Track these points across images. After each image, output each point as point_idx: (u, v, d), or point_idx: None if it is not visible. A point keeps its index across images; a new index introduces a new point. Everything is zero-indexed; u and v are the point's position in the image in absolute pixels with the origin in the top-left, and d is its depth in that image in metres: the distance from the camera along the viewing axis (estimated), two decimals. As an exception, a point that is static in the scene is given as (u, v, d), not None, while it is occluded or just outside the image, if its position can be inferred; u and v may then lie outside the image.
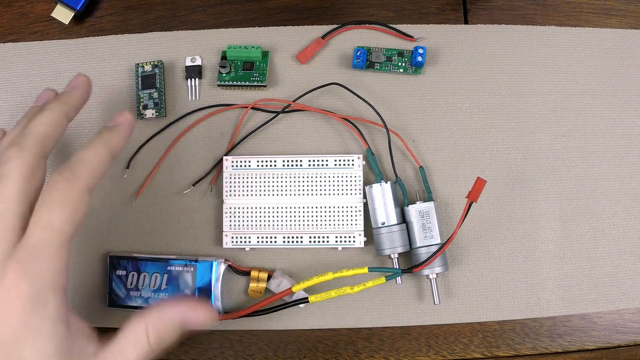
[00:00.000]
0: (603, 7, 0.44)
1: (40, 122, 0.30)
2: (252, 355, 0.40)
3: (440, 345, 0.40)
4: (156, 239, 0.41)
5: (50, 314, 0.27)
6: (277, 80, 0.43)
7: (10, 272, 0.27)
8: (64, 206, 0.28)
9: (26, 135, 0.30)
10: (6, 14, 0.45)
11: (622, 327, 0.40)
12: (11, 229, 0.28)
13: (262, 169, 0.40)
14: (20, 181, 0.28)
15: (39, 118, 0.31)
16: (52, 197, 0.28)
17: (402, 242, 0.38)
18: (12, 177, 0.28)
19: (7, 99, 0.43)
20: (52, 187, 0.29)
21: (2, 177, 0.28)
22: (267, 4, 0.45)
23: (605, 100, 0.42)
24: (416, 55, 0.41)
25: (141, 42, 0.44)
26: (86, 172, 0.29)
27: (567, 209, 0.41)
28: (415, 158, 0.41)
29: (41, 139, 0.30)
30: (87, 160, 0.30)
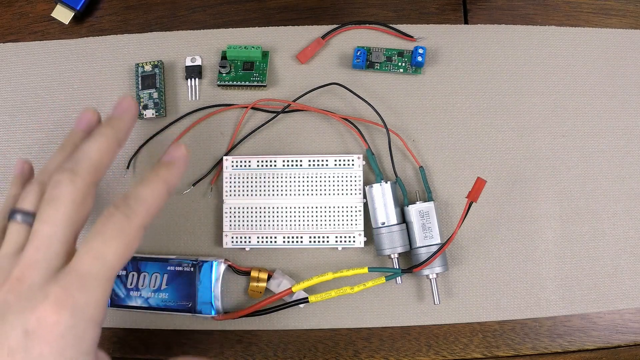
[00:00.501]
0: (603, 7, 0.44)
1: (93, 148, 0.29)
2: (252, 355, 0.40)
3: (440, 345, 0.40)
4: (156, 239, 0.41)
5: (86, 349, 0.26)
6: (277, 80, 0.43)
7: (53, 297, 0.26)
8: (118, 241, 0.27)
9: (79, 160, 0.29)
10: (6, 14, 0.45)
11: (622, 327, 0.40)
12: (56, 254, 0.27)
13: (262, 169, 0.40)
14: (70, 207, 0.28)
15: (92, 144, 0.30)
16: (108, 229, 0.27)
17: (402, 242, 0.38)
18: (63, 202, 0.28)
19: (7, 99, 0.43)
20: (109, 220, 0.28)
21: (52, 200, 0.28)
22: (267, 4, 0.45)
23: (605, 100, 0.42)
24: (416, 55, 0.41)
25: (141, 42, 0.44)
26: (144, 210, 0.28)
27: (567, 209, 0.41)
28: (415, 158, 0.41)
29: (94, 166, 0.29)
30: (145, 197, 0.29)
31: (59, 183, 0.28)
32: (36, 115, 0.43)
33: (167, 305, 0.38)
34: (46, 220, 0.27)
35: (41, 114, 0.43)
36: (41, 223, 0.27)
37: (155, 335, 0.41)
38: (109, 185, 0.42)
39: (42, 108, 0.43)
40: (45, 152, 0.42)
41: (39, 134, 0.43)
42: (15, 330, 0.25)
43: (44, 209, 0.28)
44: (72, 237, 0.28)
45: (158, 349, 0.40)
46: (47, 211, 0.28)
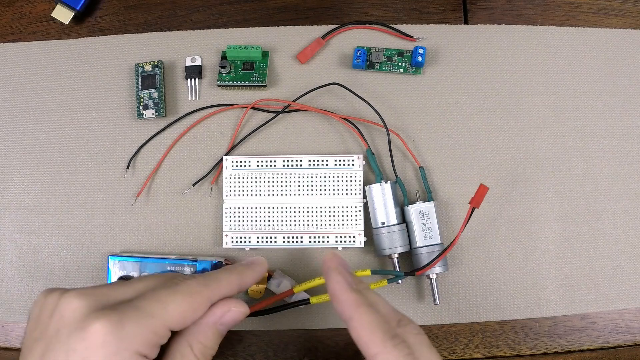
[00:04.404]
0: (603, 7, 0.44)
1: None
2: (252, 355, 0.40)
3: (440, 345, 0.40)
4: (156, 239, 0.41)
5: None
6: (277, 80, 0.43)
7: (106, 320, 0.27)
8: (184, 299, 0.29)
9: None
10: (6, 14, 0.45)
11: (622, 327, 0.40)
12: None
13: (262, 169, 0.40)
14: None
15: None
16: (179, 287, 0.30)
17: (402, 242, 0.38)
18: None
19: (7, 99, 0.43)
20: (183, 281, 0.30)
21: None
22: (267, 4, 0.45)
23: (605, 100, 0.42)
24: (416, 55, 0.41)
25: (141, 42, 0.44)
26: (215, 287, 0.31)
27: (567, 209, 0.41)
28: (415, 158, 0.41)
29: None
30: (220, 278, 0.32)
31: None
32: (36, 115, 0.43)
33: (167, 305, 0.38)
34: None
35: (41, 114, 0.43)
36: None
37: (155, 335, 0.41)
38: (109, 185, 0.42)
39: (42, 108, 0.43)
40: (45, 152, 0.42)
41: (39, 134, 0.43)
42: (65, 346, 0.26)
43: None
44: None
45: (158, 349, 0.40)
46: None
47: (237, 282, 0.33)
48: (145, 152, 0.42)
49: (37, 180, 0.42)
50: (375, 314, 0.29)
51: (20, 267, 0.41)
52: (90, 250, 0.41)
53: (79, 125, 0.43)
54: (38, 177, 0.42)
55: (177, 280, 0.30)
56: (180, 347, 0.29)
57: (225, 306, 0.31)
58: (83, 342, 0.26)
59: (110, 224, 0.41)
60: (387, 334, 0.28)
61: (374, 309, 0.29)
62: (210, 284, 0.31)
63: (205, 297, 0.30)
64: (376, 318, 0.29)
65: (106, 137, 0.42)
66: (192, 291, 0.30)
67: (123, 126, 0.42)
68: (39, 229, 0.42)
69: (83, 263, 0.41)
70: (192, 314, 0.30)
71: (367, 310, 0.29)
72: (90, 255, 0.41)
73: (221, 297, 0.31)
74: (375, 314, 0.29)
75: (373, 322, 0.29)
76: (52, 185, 0.42)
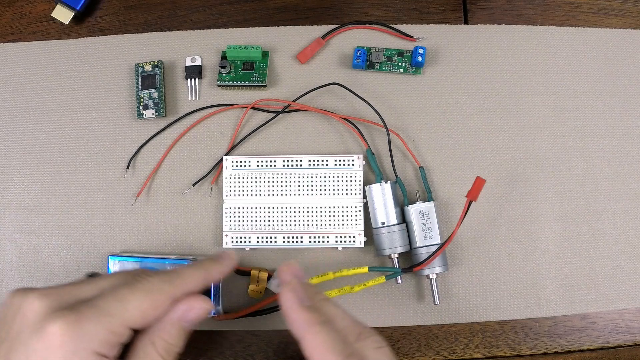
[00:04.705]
0: (603, 7, 0.44)
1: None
2: (252, 355, 0.40)
3: (440, 345, 0.40)
4: (156, 239, 0.41)
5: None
6: (277, 80, 0.43)
7: (64, 320, 0.27)
8: (145, 297, 0.29)
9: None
10: (6, 14, 0.45)
11: (622, 327, 0.40)
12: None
13: (262, 169, 0.40)
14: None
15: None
16: (140, 284, 0.29)
17: (402, 242, 0.38)
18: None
19: (7, 99, 0.43)
20: (145, 278, 0.30)
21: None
22: (267, 4, 0.45)
23: (605, 100, 0.42)
24: (416, 55, 0.41)
25: (141, 42, 0.44)
26: (179, 284, 0.31)
27: (567, 209, 0.41)
28: (415, 158, 0.41)
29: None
30: (185, 275, 0.31)
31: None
32: (36, 115, 0.43)
33: (167, 305, 0.38)
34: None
35: (41, 114, 0.43)
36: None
37: (155, 335, 0.41)
38: (109, 185, 0.42)
39: (42, 108, 0.43)
40: (45, 152, 0.42)
41: (39, 134, 0.43)
42: (26, 346, 0.26)
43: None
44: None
45: (158, 349, 0.40)
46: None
47: (203, 278, 0.32)
48: (145, 152, 0.42)
49: (37, 180, 0.42)
50: (328, 334, 0.28)
51: (20, 267, 0.41)
52: (90, 250, 0.41)
53: (79, 125, 0.43)
54: (38, 177, 0.42)
55: (139, 278, 0.30)
56: (144, 345, 0.29)
57: (189, 303, 0.30)
58: (42, 343, 0.26)
59: (110, 224, 0.41)
60: (341, 354, 0.27)
61: (329, 327, 0.29)
62: (173, 281, 0.30)
63: (168, 295, 0.30)
64: (329, 338, 0.28)
65: (106, 137, 0.42)
66: (154, 288, 0.29)
67: (123, 126, 0.42)
68: (39, 229, 0.42)
69: (83, 263, 0.41)
70: (153, 312, 0.29)
71: (319, 330, 0.28)
72: (90, 255, 0.41)
73: (185, 294, 0.31)
74: (328, 334, 0.28)
75: (325, 342, 0.28)
76: (52, 185, 0.42)
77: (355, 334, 0.29)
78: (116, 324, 0.28)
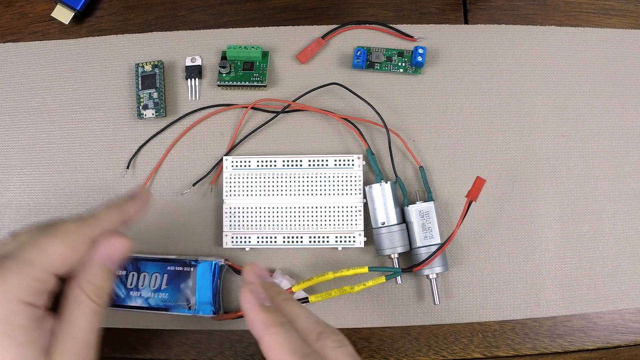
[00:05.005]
0: (603, 7, 0.44)
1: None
2: (252, 355, 0.40)
3: (440, 345, 0.40)
4: (156, 239, 0.41)
5: (20, 335, 0.27)
6: (277, 80, 0.43)
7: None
8: (63, 240, 0.29)
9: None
10: (6, 14, 0.45)
11: (622, 327, 0.40)
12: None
13: (262, 169, 0.40)
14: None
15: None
16: (57, 229, 0.29)
17: (402, 242, 0.38)
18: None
19: (7, 99, 0.43)
20: (61, 223, 0.30)
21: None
22: (267, 4, 0.45)
23: (605, 100, 0.42)
24: (416, 55, 0.41)
25: (141, 42, 0.44)
26: (95, 224, 0.30)
27: (567, 209, 0.41)
28: (415, 158, 0.41)
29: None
30: (100, 215, 0.31)
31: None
32: (36, 115, 0.43)
33: (167, 305, 0.38)
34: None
35: (41, 114, 0.43)
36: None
37: (156, 335, 0.41)
38: (109, 185, 0.42)
39: (42, 108, 0.43)
40: (45, 152, 0.42)
41: (39, 134, 0.43)
42: None
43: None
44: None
45: (158, 349, 0.40)
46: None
47: (119, 216, 0.31)
48: (145, 152, 0.42)
49: (37, 180, 0.42)
50: (286, 334, 0.28)
51: (20, 267, 0.41)
52: (90, 250, 0.41)
53: (79, 125, 0.43)
54: (38, 177, 0.42)
55: (54, 224, 0.30)
56: (72, 290, 0.29)
57: (108, 242, 0.30)
58: None
59: (110, 224, 0.41)
60: (297, 354, 0.27)
61: (288, 328, 0.29)
62: (89, 222, 0.30)
63: (84, 235, 0.30)
64: (287, 338, 0.28)
65: (106, 137, 0.42)
66: (69, 231, 0.29)
67: (123, 126, 0.42)
68: (39, 229, 0.42)
69: (83, 263, 0.41)
70: (72, 254, 0.29)
71: (276, 331, 0.28)
72: (90, 255, 0.41)
73: (103, 233, 0.30)
74: (286, 334, 0.28)
75: (282, 343, 0.28)
76: (52, 185, 0.42)
77: (315, 333, 0.29)
78: (38, 271, 0.28)
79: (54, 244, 0.29)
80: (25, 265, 0.28)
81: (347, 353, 0.29)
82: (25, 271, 0.27)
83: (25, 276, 0.27)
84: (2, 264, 0.27)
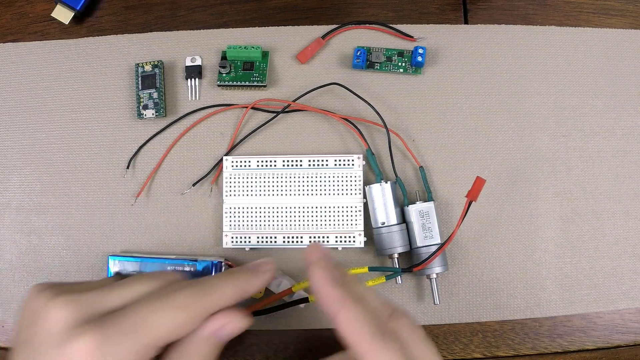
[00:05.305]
0: (603, 7, 0.44)
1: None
2: (253, 355, 0.40)
3: (440, 345, 0.40)
4: (156, 239, 0.41)
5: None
6: (277, 80, 0.43)
7: (90, 336, 0.26)
8: (176, 313, 0.27)
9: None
10: (6, 14, 0.45)
11: (622, 327, 0.40)
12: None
13: (262, 169, 0.40)
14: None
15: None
16: (173, 297, 0.28)
17: (402, 242, 0.38)
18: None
19: (7, 99, 0.43)
20: (178, 289, 0.28)
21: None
22: (267, 4, 0.45)
23: (605, 100, 0.42)
24: (416, 55, 0.41)
25: (141, 42, 0.44)
26: (214, 298, 0.29)
27: (567, 209, 0.41)
28: (415, 158, 0.41)
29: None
30: (221, 288, 0.29)
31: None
32: (36, 115, 0.43)
33: (167, 305, 0.38)
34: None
35: (41, 114, 0.43)
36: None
37: (155, 335, 0.41)
38: (109, 185, 0.42)
39: (42, 108, 0.43)
40: (45, 152, 0.42)
41: (39, 134, 0.43)
42: (49, 358, 0.25)
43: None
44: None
45: (158, 349, 0.40)
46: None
47: (240, 291, 0.30)
48: (145, 152, 0.42)
49: (37, 180, 0.42)
50: (363, 309, 0.27)
51: (20, 267, 0.41)
52: (90, 250, 0.41)
53: (79, 125, 0.43)
54: (38, 177, 0.42)
55: (173, 289, 0.28)
56: (174, 359, 0.28)
57: (224, 319, 0.29)
58: (66, 358, 0.25)
59: (110, 224, 0.41)
60: (377, 330, 0.26)
61: (363, 304, 0.27)
62: (209, 294, 0.28)
63: (202, 310, 0.28)
64: (365, 313, 0.27)
65: (106, 137, 0.42)
66: (187, 304, 0.28)
67: (123, 126, 0.42)
68: (39, 229, 0.42)
69: (83, 263, 0.41)
70: (185, 328, 0.28)
71: (354, 306, 0.27)
72: (90, 255, 0.41)
73: (221, 308, 0.29)
74: (363, 309, 0.27)
75: (361, 317, 0.26)
76: (52, 185, 0.42)
77: (387, 313, 0.28)
78: (145, 341, 0.26)
79: (168, 315, 0.27)
80: (133, 332, 0.26)
81: (420, 335, 0.28)
82: (132, 339, 0.26)
83: (130, 345, 0.26)
84: (108, 325, 0.26)
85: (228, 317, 0.29)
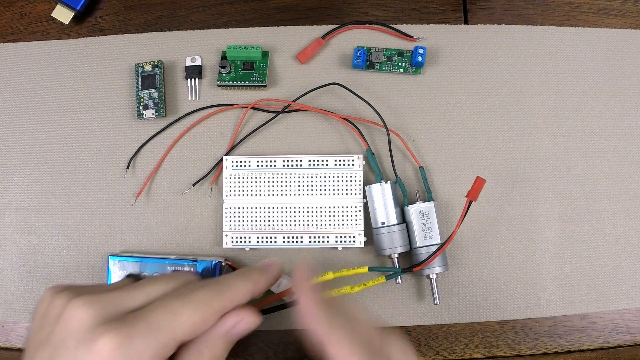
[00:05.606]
0: (603, 7, 0.44)
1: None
2: (252, 355, 0.40)
3: (440, 345, 0.40)
4: (156, 239, 0.41)
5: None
6: (277, 80, 0.43)
7: (114, 334, 0.26)
8: (196, 309, 0.28)
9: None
10: (6, 14, 0.45)
11: (622, 327, 0.40)
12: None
13: (262, 169, 0.40)
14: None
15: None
16: (191, 295, 0.29)
17: (402, 242, 0.38)
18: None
19: (7, 99, 0.43)
20: (196, 289, 0.29)
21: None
22: (267, 4, 0.45)
23: (605, 100, 0.42)
24: (416, 55, 0.41)
25: (141, 42, 0.44)
26: (229, 296, 0.30)
27: (567, 209, 0.41)
28: (415, 158, 0.41)
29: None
30: (236, 285, 0.31)
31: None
32: (36, 115, 0.43)
33: (167, 305, 0.38)
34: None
35: (41, 114, 0.43)
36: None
37: (155, 335, 0.41)
38: (109, 185, 0.42)
39: (42, 108, 0.43)
40: (45, 152, 0.42)
41: (39, 134, 0.43)
42: (71, 357, 0.26)
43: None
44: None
45: (158, 349, 0.40)
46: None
47: (251, 289, 0.31)
48: (145, 152, 0.42)
49: (37, 180, 0.42)
50: (353, 333, 0.28)
51: (20, 267, 0.41)
52: (90, 250, 0.41)
53: (79, 125, 0.43)
54: (38, 177, 0.42)
55: (190, 288, 0.29)
56: (189, 356, 0.29)
57: (238, 316, 0.30)
58: (90, 356, 0.26)
59: (110, 224, 0.41)
60: (366, 352, 0.27)
61: (353, 326, 0.29)
62: (224, 293, 0.30)
63: (218, 308, 0.29)
64: (354, 337, 0.28)
65: (106, 137, 0.42)
66: (205, 302, 0.29)
67: (123, 126, 0.42)
68: (39, 229, 0.42)
69: (83, 263, 0.41)
70: (203, 325, 0.29)
71: (344, 329, 0.28)
72: (90, 255, 0.41)
73: (234, 306, 0.30)
74: (353, 333, 0.28)
75: (351, 341, 0.28)
76: (52, 185, 0.42)
77: (379, 335, 0.29)
78: (167, 338, 0.27)
79: (188, 312, 0.28)
80: (156, 330, 0.27)
81: (411, 357, 0.29)
82: (154, 336, 0.27)
83: (153, 342, 0.27)
84: (131, 323, 0.27)
85: (241, 315, 0.30)
